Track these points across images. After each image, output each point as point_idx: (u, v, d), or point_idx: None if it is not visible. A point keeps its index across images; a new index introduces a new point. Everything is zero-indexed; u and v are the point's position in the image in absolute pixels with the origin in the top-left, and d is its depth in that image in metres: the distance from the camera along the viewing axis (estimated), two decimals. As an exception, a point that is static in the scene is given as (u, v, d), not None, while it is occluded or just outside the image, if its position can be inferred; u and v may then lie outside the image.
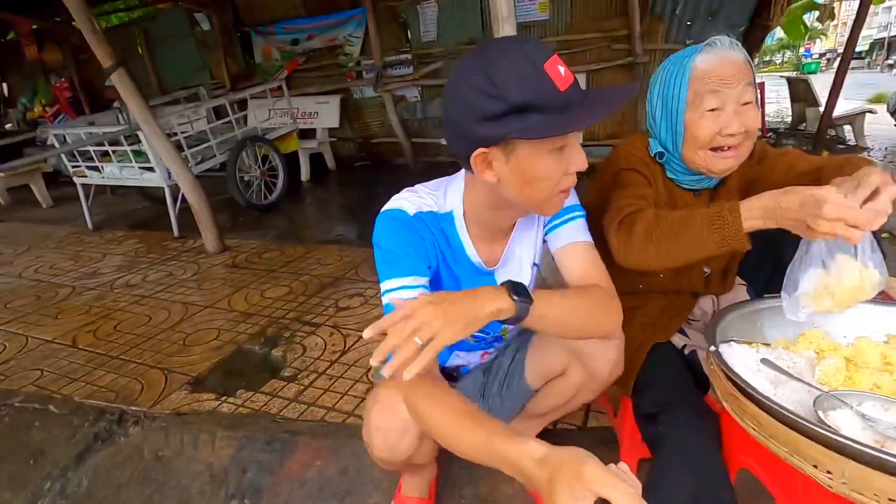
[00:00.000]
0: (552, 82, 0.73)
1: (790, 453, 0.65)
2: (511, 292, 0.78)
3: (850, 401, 0.69)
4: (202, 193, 3.30)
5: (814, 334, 0.81)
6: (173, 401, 1.81)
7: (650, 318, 1.19)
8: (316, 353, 2.05)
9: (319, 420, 1.64)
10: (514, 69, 0.72)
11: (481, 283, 0.98)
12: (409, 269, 0.87)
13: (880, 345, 0.77)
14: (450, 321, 0.71)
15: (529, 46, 0.74)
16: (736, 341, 0.86)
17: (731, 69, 0.97)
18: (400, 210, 0.92)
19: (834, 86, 4.20)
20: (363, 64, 5.93)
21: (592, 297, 0.91)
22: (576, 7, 4.89)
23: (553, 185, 0.81)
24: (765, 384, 0.74)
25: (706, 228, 0.83)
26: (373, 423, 0.94)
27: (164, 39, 6.81)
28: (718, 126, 0.98)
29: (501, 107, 0.73)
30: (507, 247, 1.01)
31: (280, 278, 2.89)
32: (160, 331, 2.36)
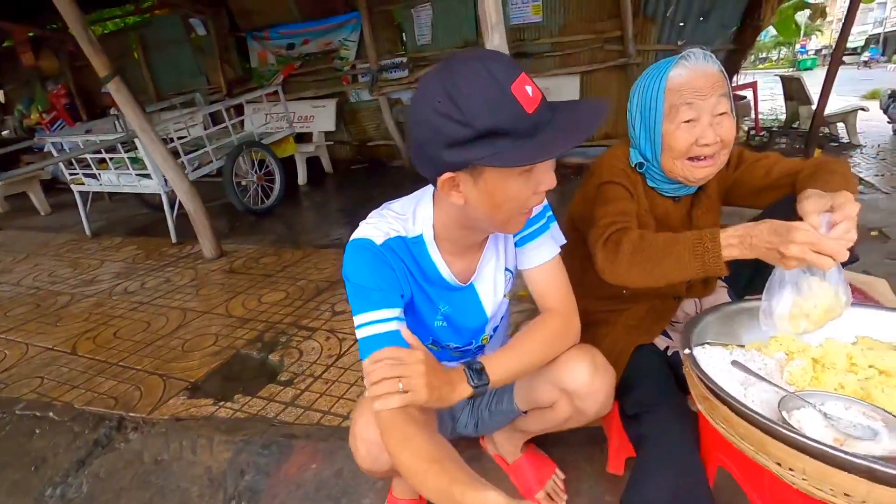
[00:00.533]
0: (519, 105, 0.72)
1: (756, 451, 0.68)
2: (469, 379, 0.87)
3: (813, 400, 0.72)
4: (199, 200, 3.33)
5: (784, 337, 0.85)
6: (172, 406, 1.84)
7: (635, 320, 1.22)
8: (312, 358, 2.08)
9: (316, 423, 1.67)
10: (480, 92, 0.71)
11: (458, 298, 1.03)
12: (380, 302, 0.87)
13: (847, 346, 0.80)
14: (428, 391, 0.79)
15: (496, 66, 0.72)
16: (711, 344, 0.90)
17: (705, 81, 1.00)
18: (367, 240, 0.90)
19: (825, 84, 4.23)
20: (359, 67, 5.96)
21: (545, 331, 0.98)
22: (569, 9, 4.93)
23: (520, 205, 0.83)
24: (735, 385, 0.78)
25: (688, 254, 0.87)
26: (358, 435, 0.97)
27: (160, 45, 6.84)
28: (694, 136, 1.01)
29: (468, 133, 0.72)
30: (482, 259, 1.02)
31: (277, 283, 2.92)
32: (158, 337, 2.39)
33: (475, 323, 1.08)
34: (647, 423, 0.98)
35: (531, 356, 0.96)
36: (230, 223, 4.42)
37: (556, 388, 1.03)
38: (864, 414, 0.69)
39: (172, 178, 3.28)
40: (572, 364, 1.00)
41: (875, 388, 0.73)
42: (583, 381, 0.99)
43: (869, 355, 0.78)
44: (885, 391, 0.73)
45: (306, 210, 4.89)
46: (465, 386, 0.86)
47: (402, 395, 0.78)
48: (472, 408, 1.27)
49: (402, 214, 0.95)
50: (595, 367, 1.00)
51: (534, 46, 5.16)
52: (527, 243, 1.01)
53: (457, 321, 1.06)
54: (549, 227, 1.03)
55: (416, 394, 0.78)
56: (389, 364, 0.79)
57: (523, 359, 0.95)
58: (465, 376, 0.87)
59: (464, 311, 1.05)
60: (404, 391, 0.78)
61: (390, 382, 0.78)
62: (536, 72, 5.19)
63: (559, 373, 1.01)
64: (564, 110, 0.78)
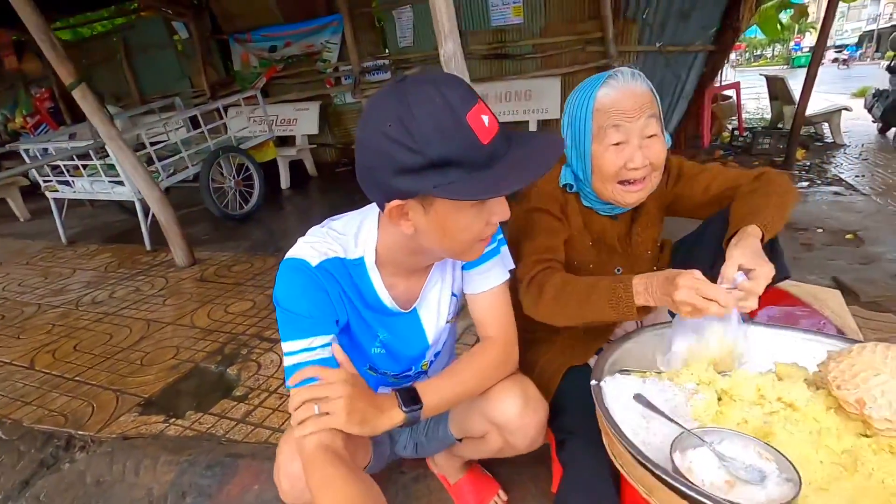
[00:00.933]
0: (474, 135, 0.68)
1: (648, 493, 0.65)
2: (401, 405, 0.83)
3: (712, 438, 0.69)
4: (170, 208, 3.29)
5: (697, 366, 0.82)
6: (122, 424, 1.81)
7: (572, 339, 1.19)
8: (270, 371, 2.05)
9: (264, 442, 1.64)
10: (434, 120, 0.67)
11: (399, 324, 0.99)
12: (311, 329, 0.83)
13: (757, 377, 0.77)
14: (349, 415, 0.76)
15: (451, 92, 0.69)
16: (628, 371, 0.87)
17: (633, 102, 0.97)
18: (302, 260, 0.85)
19: (806, 84, 4.20)
20: (342, 70, 5.93)
21: (483, 360, 0.95)
22: (550, 10, 4.90)
23: (473, 236, 0.79)
24: (638, 419, 0.75)
25: (604, 302, 0.89)
26: (281, 468, 0.92)
27: (143, 48, 6.80)
28: (623, 160, 0.98)
29: (419, 161, 0.68)
30: (427, 283, 0.97)
31: (246, 292, 2.89)
32: (119, 350, 2.35)
33: (415, 350, 1.04)
34: (568, 450, 0.96)
35: (467, 385, 0.93)
36: (208, 229, 4.38)
37: (487, 420, 1.00)
38: (759, 454, 0.66)
39: (142, 186, 3.24)
40: (503, 396, 0.97)
41: (777, 424, 0.71)
42: (512, 415, 0.96)
43: (778, 387, 0.75)
44: (787, 427, 0.70)
45: (288, 215, 4.85)
46: (397, 411, 0.83)
47: (317, 419, 0.74)
48: (411, 431, 1.24)
49: (344, 234, 0.90)
50: (526, 401, 0.97)
51: (515, 48, 5.13)
52: (474, 267, 0.98)
53: (396, 348, 1.02)
54: (499, 252, 0.99)
55: (335, 417, 0.75)
56: (308, 386, 0.76)
57: (458, 388, 0.92)
58: (398, 401, 0.83)
59: (404, 337, 1.01)
60: (320, 414, 0.74)
61: (307, 407, 0.75)
62: (517, 73, 5.16)
63: (489, 405, 0.98)
64: (521, 144, 0.75)
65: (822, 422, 0.70)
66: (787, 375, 0.81)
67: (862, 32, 29.24)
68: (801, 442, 0.68)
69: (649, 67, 4.82)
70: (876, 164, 4.71)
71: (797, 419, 0.71)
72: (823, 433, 0.70)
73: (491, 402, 0.97)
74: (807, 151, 5.18)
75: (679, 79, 4.80)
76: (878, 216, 3.23)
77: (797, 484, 0.60)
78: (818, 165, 4.71)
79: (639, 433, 0.73)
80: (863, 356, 0.71)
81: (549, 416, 1.09)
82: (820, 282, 2.32)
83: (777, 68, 23.96)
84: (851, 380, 0.67)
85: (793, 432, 0.69)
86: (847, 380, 0.68)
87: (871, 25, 30.81)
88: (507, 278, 1.01)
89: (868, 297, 2.16)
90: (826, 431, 0.70)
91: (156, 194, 3.25)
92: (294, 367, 0.83)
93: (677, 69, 4.74)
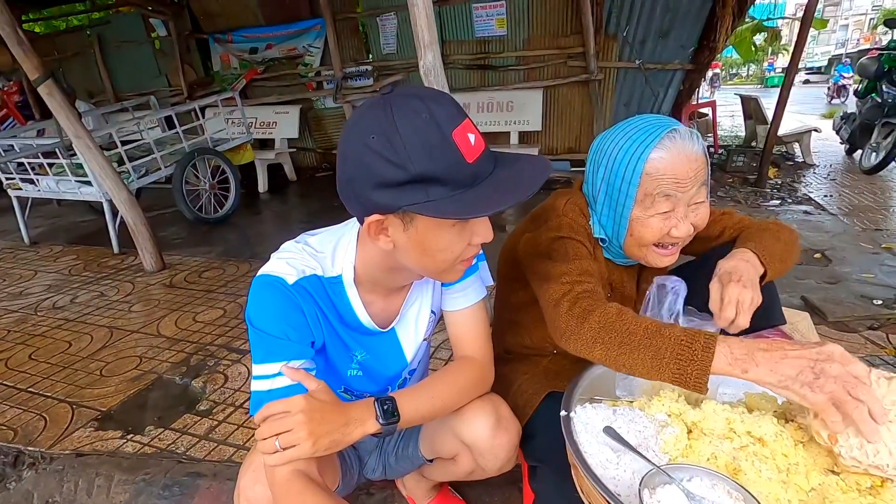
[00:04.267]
0: (459, 153, 0.67)
1: (616, 533, 0.63)
2: (379, 415, 0.79)
3: (681, 475, 0.67)
4: (139, 209, 3.19)
5: (667, 395, 0.80)
6: (76, 439, 1.71)
7: (557, 366, 1.15)
8: (237, 384, 1.98)
9: (227, 460, 1.58)
10: (419, 135, 0.65)
11: (377, 344, 0.96)
12: (286, 352, 0.79)
13: (727, 410, 0.76)
14: (314, 438, 0.72)
15: (438, 109, 0.67)
16: (599, 400, 0.85)
17: (688, 169, 0.87)
18: (278, 278, 0.81)
19: (778, 105, 4.33)
20: (323, 74, 5.87)
21: (461, 378, 0.92)
22: (533, 24, 4.95)
23: (454, 256, 0.76)
24: (608, 452, 0.73)
25: (669, 355, 0.71)
26: (242, 492, 0.88)
27: (119, 45, 6.63)
28: (667, 228, 0.92)
29: (402, 175, 0.66)
30: (406, 301, 0.95)
31: (216, 300, 2.80)
32: (78, 359, 2.25)
33: (393, 370, 1.01)
34: (539, 479, 0.93)
35: (443, 400, 0.90)
36: (182, 232, 4.27)
37: (458, 440, 0.97)
38: (728, 492, 0.65)
39: (110, 186, 3.13)
40: (475, 415, 0.94)
41: (746, 460, 0.70)
42: (483, 436, 0.94)
43: (747, 421, 0.74)
44: (755, 463, 0.69)
45: (265, 219, 4.76)
46: (372, 422, 0.79)
47: (282, 453, 0.71)
48: (380, 452, 1.21)
49: (321, 252, 0.86)
50: (498, 422, 0.94)
51: (498, 59, 5.17)
52: (454, 284, 0.95)
53: (373, 369, 0.99)
54: (477, 269, 0.98)
55: (299, 448, 0.71)
56: (269, 421, 0.73)
57: (435, 402, 0.89)
58: (375, 412, 0.80)
59: (382, 357, 0.98)
60: (284, 448, 0.71)
61: (269, 443, 0.71)
62: (501, 84, 5.19)
63: (461, 423, 0.95)
64: (506, 164, 0.73)
65: (790, 458, 0.69)
66: (757, 406, 0.80)
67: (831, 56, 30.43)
68: (769, 480, 0.67)
69: (629, 83, 4.91)
70: (843, 184, 4.88)
71: (766, 455, 0.70)
72: (791, 470, 0.69)
73: (463, 420, 0.95)
74: (778, 170, 5.33)
75: (657, 96, 4.90)
76: (844, 236, 3.33)
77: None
78: (789, 184, 4.85)
79: (608, 468, 0.71)
80: None
81: (522, 440, 1.07)
82: (790, 300, 2.37)
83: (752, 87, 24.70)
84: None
85: (761, 470, 0.68)
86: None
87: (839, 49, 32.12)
88: (485, 295, 0.99)
89: (835, 317, 2.21)
90: (794, 468, 0.69)
91: (124, 195, 3.14)
92: (262, 393, 0.78)
93: (655, 86, 4.84)
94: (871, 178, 5.02)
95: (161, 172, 3.98)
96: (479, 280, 0.98)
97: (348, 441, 0.77)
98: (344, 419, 0.77)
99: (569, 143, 5.30)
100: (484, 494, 1.40)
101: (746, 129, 6.38)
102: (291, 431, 0.71)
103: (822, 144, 6.65)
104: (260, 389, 0.79)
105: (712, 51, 4.53)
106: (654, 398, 0.81)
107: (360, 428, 0.78)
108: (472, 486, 1.39)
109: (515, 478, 1.38)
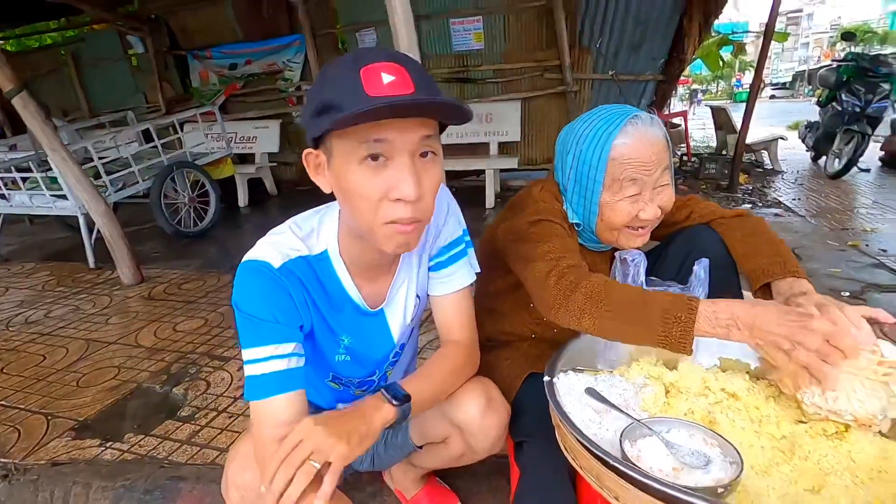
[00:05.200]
0: (360, 84, 0.66)
1: (599, 485, 0.65)
2: (391, 400, 0.79)
3: (660, 427, 0.70)
4: (116, 222, 3.14)
5: (645, 361, 0.83)
6: (51, 449, 1.66)
7: (537, 350, 1.17)
8: (220, 390, 1.95)
9: (210, 463, 1.55)
10: (335, 69, 0.70)
11: (365, 325, 0.95)
12: (275, 335, 0.78)
13: (702, 370, 0.79)
14: (345, 439, 0.70)
15: (369, 53, 0.69)
16: (581, 370, 0.87)
17: (651, 153, 0.92)
18: (264, 262, 0.80)
19: (745, 116, 4.51)
20: (304, 89, 5.91)
21: (452, 362, 0.94)
22: (510, 38, 5.08)
23: (371, 207, 0.72)
24: (590, 413, 0.75)
25: (656, 318, 0.73)
26: (231, 479, 0.86)
27: (94, 62, 6.58)
28: (636, 211, 0.96)
29: (314, 106, 0.70)
30: (393, 283, 0.95)
31: (197, 310, 2.76)
32: (52, 372, 2.19)
33: (381, 352, 1.02)
34: (526, 453, 0.94)
35: (441, 385, 0.92)
36: (161, 246, 4.20)
37: (449, 422, 0.98)
38: (704, 441, 0.67)
39: (87, 200, 3.08)
40: (465, 397, 0.96)
41: (721, 413, 0.73)
42: (474, 415, 0.95)
43: (721, 379, 0.77)
44: (730, 416, 0.72)
45: (245, 233, 4.71)
46: (388, 408, 0.78)
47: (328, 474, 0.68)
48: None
49: (305, 230, 0.86)
50: (489, 402, 0.96)
51: (476, 73, 5.28)
52: (441, 269, 0.97)
53: (361, 352, 0.99)
54: (466, 254, 0.99)
55: (337, 456, 0.68)
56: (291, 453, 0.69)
57: (434, 387, 0.90)
58: (385, 398, 0.79)
59: (370, 339, 0.98)
60: (324, 465, 0.68)
61: (304, 471, 0.67)
62: (479, 97, 5.30)
63: (451, 406, 0.96)
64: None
65: (762, 410, 0.73)
66: (731, 369, 0.84)
67: (794, 72, 31.77)
68: (742, 430, 0.70)
69: (603, 94, 5.06)
70: (810, 189, 5.07)
71: (739, 408, 0.73)
72: (763, 421, 0.72)
73: (453, 403, 0.96)
74: (749, 177, 5.53)
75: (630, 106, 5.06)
76: (813, 235, 3.46)
77: (740, 465, 0.61)
78: (759, 189, 5.03)
79: (591, 427, 0.73)
80: None
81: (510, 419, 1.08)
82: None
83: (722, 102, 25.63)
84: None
85: (735, 420, 0.71)
86: None
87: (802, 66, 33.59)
88: (472, 280, 1.00)
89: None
90: (766, 419, 0.72)
91: (101, 208, 3.10)
92: (256, 378, 0.78)
93: (629, 96, 4.99)
94: (835, 183, 5.23)
95: (139, 186, 3.94)
96: (468, 266, 1.00)
97: (375, 430, 0.76)
98: (359, 413, 0.76)
99: (548, 154, 5.41)
100: (471, 484, 1.40)
101: (717, 139, 6.60)
102: (318, 447, 0.68)
103: (790, 153, 6.91)
104: (254, 374, 0.78)
105: (682, 62, 4.72)
106: (633, 364, 0.84)
107: (379, 415, 0.77)
108: (460, 477, 1.39)
109: (502, 467, 1.39)
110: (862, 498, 0.60)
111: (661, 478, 0.56)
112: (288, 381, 0.78)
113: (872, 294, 2.43)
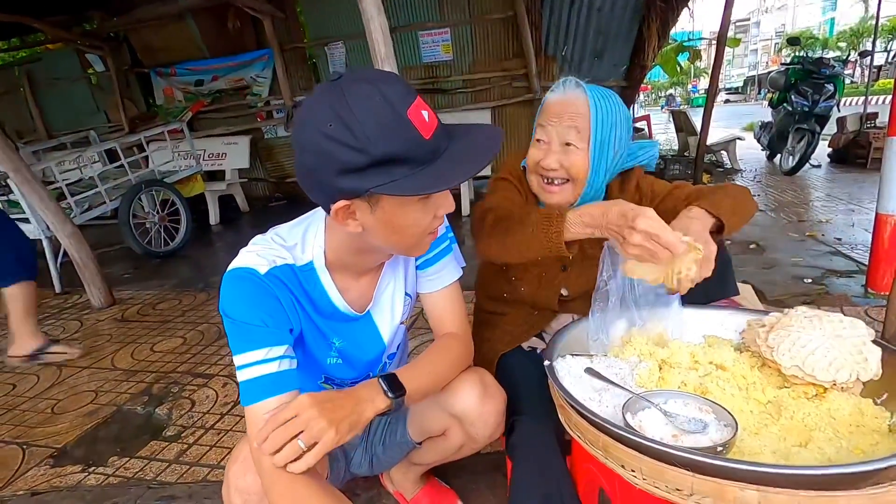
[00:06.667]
0: (416, 131, 0.68)
1: (605, 456, 0.68)
2: (386, 390, 0.80)
3: (657, 399, 0.74)
4: (85, 245, 3.04)
5: (637, 340, 0.88)
6: (30, 479, 1.59)
7: (513, 325, 1.22)
8: (205, 407, 1.90)
9: (201, 480, 1.51)
10: (375, 117, 0.66)
11: (353, 329, 0.97)
12: (265, 339, 0.78)
13: (690, 346, 0.85)
14: (335, 425, 0.72)
15: (389, 89, 0.68)
16: (575, 354, 0.91)
17: (562, 108, 1.01)
18: (250, 269, 0.81)
19: (704, 118, 4.74)
20: (273, 104, 5.88)
21: (449, 353, 0.96)
22: (477, 48, 5.20)
23: (422, 230, 0.79)
24: (590, 392, 0.79)
25: (536, 228, 0.89)
26: (232, 483, 0.86)
27: (51, 82, 6.38)
28: (539, 156, 1.04)
29: (363, 159, 0.67)
30: (378, 285, 0.96)
31: (174, 329, 2.69)
32: (24, 400, 2.10)
33: (372, 354, 1.03)
34: (517, 432, 0.97)
35: (440, 375, 0.93)
36: (131, 267, 4.08)
37: (447, 413, 1.00)
38: (699, 409, 0.72)
39: (52, 222, 2.97)
40: (462, 387, 0.98)
41: (711, 383, 0.77)
42: (473, 405, 0.97)
43: (709, 353, 0.82)
44: (720, 384, 0.77)
45: (217, 251, 4.63)
46: (381, 398, 0.79)
47: (310, 452, 0.70)
48: (366, 445, 1.20)
49: (290, 240, 0.87)
50: (485, 389, 0.98)
51: (446, 83, 5.36)
52: (429, 267, 0.99)
53: (352, 355, 1.00)
54: (451, 250, 1.01)
55: (324, 440, 0.70)
56: (280, 430, 0.71)
57: (433, 377, 0.91)
58: (380, 388, 0.80)
59: (360, 342, 0.99)
60: (310, 447, 0.70)
61: (290, 447, 0.70)
62: (450, 107, 5.38)
63: (449, 397, 0.98)
64: (461, 136, 0.75)
65: (748, 378, 0.78)
66: (716, 344, 0.89)
67: (745, 77, 33.42)
68: (732, 396, 0.75)
69: (570, 101, 5.21)
70: (768, 185, 5.33)
71: (727, 378, 0.78)
72: (750, 388, 0.77)
73: (450, 393, 0.98)
74: (711, 176, 5.77)
75: (597, 111, 5.23)
76: (774, 228, 3.65)
77: (734, 427, 0.66)
78: (721, 187, 5.25)
79: (591, 404, 0.77)
80: (783, 318, 0.80)
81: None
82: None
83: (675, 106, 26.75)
84: (770, 334, 0.76)
85: (725, 388, 0.76)
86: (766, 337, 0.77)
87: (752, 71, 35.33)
88: (459, 275, 1.03)
89: (773, 297, 2.41)
90: (752, 386, 0.77)
91: (68, 229, 2.99)
92: (250, 382, 0.78)
93: (595, 102, 5.15)
94: (791, 179, 5.51)
95: (106, 207, 3.83)
96: (454, 261, 1.03)
97: (364, 421, 0.77)
98: (353, 400, 0.77)
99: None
100: (470, 482, 1.41)
101: (679, 141, 6.87)
102: (309, 428, 0.70)
103: (747, 152, 7.25)
104: (249, 378, 0.78)
105: (643, 68, 4.92)
106: (626, 346, 0.88)
107: (371, 405, 0.78)
108: (458, 475, 1.41)
109: (499, 464, 1.41)
110: (846, 448, 0.65)
111: (668, 443, 0.60)
112: (281, 382, 0.78)
113: (832, 279, 2.57)
